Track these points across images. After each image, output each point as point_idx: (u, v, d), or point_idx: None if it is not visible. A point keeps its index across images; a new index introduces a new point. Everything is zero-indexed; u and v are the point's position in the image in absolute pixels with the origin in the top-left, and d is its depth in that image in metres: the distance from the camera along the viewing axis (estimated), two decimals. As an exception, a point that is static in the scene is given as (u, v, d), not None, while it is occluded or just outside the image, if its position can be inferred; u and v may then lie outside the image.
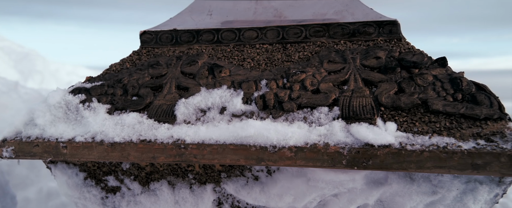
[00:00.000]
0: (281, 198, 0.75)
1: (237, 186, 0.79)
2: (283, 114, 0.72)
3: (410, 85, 0.70)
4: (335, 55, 0.80)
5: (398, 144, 0.62)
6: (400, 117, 0.68)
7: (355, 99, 0.71)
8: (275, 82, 0.77)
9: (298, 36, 0.87)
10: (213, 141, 0.70)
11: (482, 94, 0.66)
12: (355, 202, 0.72)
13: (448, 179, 0.66)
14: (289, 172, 0.74)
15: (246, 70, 0.83)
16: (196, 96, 0.79)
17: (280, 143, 0.66)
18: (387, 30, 0.82)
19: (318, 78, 0.76)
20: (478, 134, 0.62)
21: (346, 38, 0.85)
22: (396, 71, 0.74)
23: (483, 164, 0.58)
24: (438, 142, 0.61)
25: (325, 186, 0.72)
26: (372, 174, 0.71)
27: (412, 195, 0.68)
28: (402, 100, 0.68)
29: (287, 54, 0.85)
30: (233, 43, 0.91)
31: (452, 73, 0.71)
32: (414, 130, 0.65)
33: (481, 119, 0.64)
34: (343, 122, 0.68)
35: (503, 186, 0.66)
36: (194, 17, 1.01)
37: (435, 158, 0.60)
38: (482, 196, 0.65)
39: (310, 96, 0.73)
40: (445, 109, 0.66)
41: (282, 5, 0.96)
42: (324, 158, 0.65)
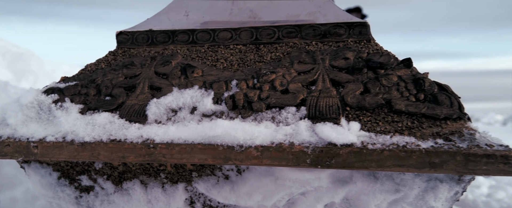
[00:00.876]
0: (250, 197, 0.76)
1: (208, 185, 0.80)
2: (252, 114, 0.73)
3: (376, 85, 0.72)
4: (305, 55, 0.81)
5: (360, 143, 0.63)
6: (365, 117, 0.69)
7: (322, 99, 0.72)
8: (245, 82, 0.78)
9: (271, 37, 0.89)
10: (181, 140, 0.70)
11: (443, 94, 0.68)
12: (321, 200, 0.73)
13: (410, 178, 0.68)
14: (258, 171, 0.75)
15: (219, 71, 0.84)
16: (168, 96, 0.80)
17: (247, 142, 0.67)
18: (357, 32, 0.84)
19: (287, 79, 0.77)
20: (438, 133, 0.64)
21: (317, 39, 0.86)
22: (363, 71, 0.75)
23: (440, 162, 0.60)
24: (398, 141, 0.63)
25: (292, 184, 0.73)
26: (338, 173, 0.72)
27: (376, 193, 0.70)
28: (366, 100, 0.70)
29: (259, 55, 0.86)
30: (208, 44, 0.92)
31: (416, 74, 0.72)
32: (377, 130, 0.66)
33: (441, 118, 0.65)
34: (309, 121, 0.69)
35: (462, 184, 0.67)
36: (171, 18, 1.01)
37: (395, 157, 0.61)
38: (443, 194, 0.67)
39: (279, 96, 0.74)
40: (407, 109, 0.67)
41: (258, 6, 0.97)
42: (289, 157, 0.66)
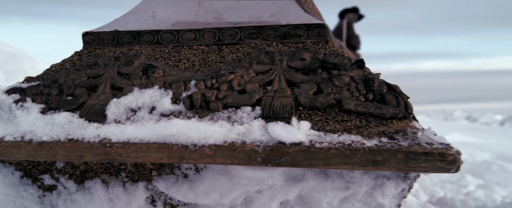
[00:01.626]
0: (208, 195, 0.77)
1: (167, 184, 0.81)
2: (209, 114, 0.75)
3: (328, 86, 0.74)
4: (264, 56, 0.83)
5: (308, 142, 0.65)
6: (316, 116, 0.71)
7: (277, 99, 0.74)
8: (204, 82, 0.79)
9: (233, 38, 0.90)
10: (138, 140, 0.72)
11: (391, 94, 0.70)
12: (276, 198, 0.75)
13: (358, 175, 0.70)
14: (215, 169, 0.77)
15: (180, 71, 0.85)
16: (128, 96, 0.81)
17: (200, 141, 0.69)
18: (315, 33, 0.86)
19: (245, 79, 0.79)
20: (383, 132, 0.66)
21: (278, 40, 0.88)
22: (317, 72, 0.77)
23: (382, 160, 0.62)
24: (345, 140, 0.65)
25: (247, 183, 0.74)
26: (291, 171, 0.74)
27: (327, 191, 0.71)
28: (318, 100, 0.72)
29: (221, 56, 0.88)
30: (172, 44, 0.94)
31: (368, 75, 0.74)
32: (327, 129, 0.68)
33: (387, 118, 0.67)
34: (262, 121, 0.70)
35: (408, 181, 0.69)
36: (138, 18, 1.02)
37: (341, 155, 0.63)
38: (390, 191, 0.69)
39: (236, 96, 0.76)
40: (356, 108, 0.69)
41: (223, 8, 0.99)
42: (241, 156, 0.67)
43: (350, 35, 6.22)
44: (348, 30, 6.24)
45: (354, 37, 6.28)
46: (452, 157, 0.59)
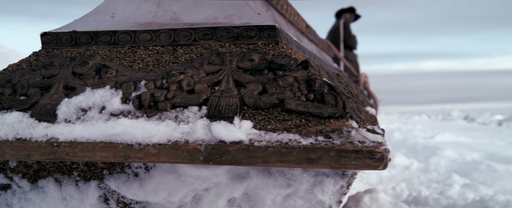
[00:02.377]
0: (157, 193, 0.79)
1: (118, 183, 0.82)
2: (157, 113, 0.76)
3: (273, 86, 0.76)
4: (215, 57, 0.85)
5: (248, 141, 0.67)
6: (259, 115, 0.73)
7: (224, 99, 0.76)
8: (153, 82, 0.81)
9: (188, 39, 0.92)
10: (84, 139, 0.73)
11: (330, 94, 0.72)
12: (222, 196, 0.77)
13: (298, 173, 0.72)
14: (163, 168, 0.78)
15: (133, 71, 0.87)
16: (80, 96, 0.82)
17: (145, 140, 0.70)
18: (266, 34, 0.88)
19: (195, 79, 0.81)
20: (321, 131, 0.68)
21: (231, 41, 0.90)
22: (263, 72, 0.79)
23: (316, 158, 0.64)
24: (283, 139, 0.67)
25: (194, 181, 0.76)
26: (236, 169, 0.76)
27: (270, 188, 0.74)
28: (262, 100, 0.74)
29: (175, 56, 0.89)
30: (129, 45, 0.95)
31: (311, 75, 0.77)
32: (268, 128, 0.70)
33: (325, 117, 0.70)
34: (207, 120, 0.72)
35: (346, 178, 0.72)
36: (97, 19, 1.03)
37: (278, 153, 0.66)
38: (329, 188, 0.71)
39: (184, 96, 0.78)
40: (297, 108, 0.72)
41: (181, 9, 1.00)
42: (184, 155, 0.69)
43: (347, 35, 6.24)
44: (345, 30, 6.26)
45: (351, 37, 6.31)
46: (379, 154, 0.62)
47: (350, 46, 6.32)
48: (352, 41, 6.29)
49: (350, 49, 6.42)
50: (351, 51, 6.51)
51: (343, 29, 6.19)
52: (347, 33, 6.23)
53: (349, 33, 6.26)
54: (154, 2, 1.04)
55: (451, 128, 7.03)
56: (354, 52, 6.59)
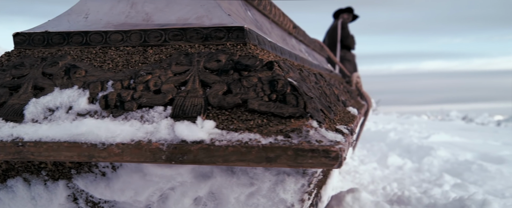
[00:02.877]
0: (123, 192, 0.80)
1: (86, 182, 0.83)
2: (123, 113, 0.77)
3: (237, 86, 0.77)
4: (184, 57, 0.86)
5: (209, 140, 0.68)
6: (223, 115, 0.74)
7: (189, 99, 0.77)
8: (120, 83, 0.82)
9: (158, 39, 0.93)
10: (49, 139, 0.73)
11: (292, 94, 0.74)
12: (187, 194, 0.78)
13: (261, 172, 0.73)
14: (129, 167, 0.79)
15: (102, 72, 0.87)
16: (47, 96, 0.82)
17: (108, 140, 0.71)
18: (235, 35, 0.89)
19: (162, 79, 0.82)
20: (281, 130, 0.69)
21: (200, 42, 0.91)
22: (229, 73, 0.80)
23: (275, 157, 0.65)
24: (243, 138, 0.68)
25: (159, 180, 0.77)
26: (200, 169, 0.77)
27: (234, 187, 0.75)
28: (226, 100, 0.75)
29: (145, 57, 0.90)
30: (100, 46, 0.95)
31: (276, 76, 0.78)
32: (230, 127, 0.71)
33: (286, 117, 0.71)
34: (171, 120, 0.73)
35: (306, 177, 0.73)
36: (71, 20, 1.04)
37: (237, 153, 0.67)
38: (290, 187, 0.73)
39: (151, 96, 0.79)
40: (259, 108, 0.73)
41: (154, 10, 1.01)
42: (147, 154, 0.70)
43: (345, 35, 6.22)
44: (343, 30, 6.23)
45: (349, 37, 6.28)
46: (334, 153, 0.63)
47: (348, 46, 6.31)
48: (350, 41, 6.28)
49: (348, 49, 6.41)
50: (349, 51, 6.49)
51: (341, 29, 6.18)
52: (345, 33, 6.21)
53: (347, 33, 6.25)
54: (128, 3, 1.05)
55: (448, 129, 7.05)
56: (352, 52, 6.58)
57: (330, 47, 6.32)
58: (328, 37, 6.41)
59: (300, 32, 2.61)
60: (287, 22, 2.30)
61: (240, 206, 0.77)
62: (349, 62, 6.38)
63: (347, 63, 6.36)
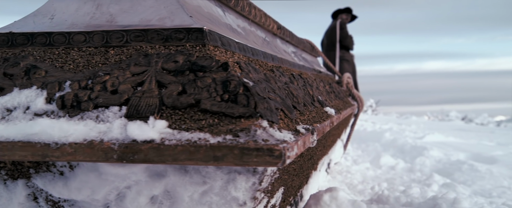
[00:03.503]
0: (80, 191, 0.81)
1: (45, 181, 0.84)
2: (79, 113, 0.78)
3: (192, 86, 0.78)
4: (143, 58, 0.87)
5: (159, 140, 0.70)
6: (176, 115, 0.75)
7: (144, 99, 0.78)
8: (78, 83, 0.83)
9: (120, 40, 0.94)
10: (4, 138, 0.74)
11: (243, 95, 0.75)
12: (142, 193, 0.79)
13: (212, 171, 0.75)
14: (85, 167, 0.80)
15: (62, 72, 0.88)
16: (6, 96, 0.83)
17: (61, 140, 0.72)
18: (194, 37, 0.90)
19: (120, 80, 0.83)
20: (231, 130, 0.71)
21: (161, 43, 0.92)
22: (185, 74, 0.81)
23: (222, 156, 0.67)
24: (193, 138, 0.69)
25: (114, 179, 0.78)
26: (154, 168, 0.78)
27: (187, 186, 0.76)
28: (180, 100, 0.76)
29: (106, 58, 0.91)
30: (63, 46, 0.96)
31: (230, 76, 0.79)
32: (182, 127, 0.73)
33: (236, 116, 0.73)
34: (125, 120, 0.74)
35: (257, 175, 0.75)
36: (36, 21, 1.04)
37: (186, 152, 0.68)
38: (241, 185, 0.74)
39: (107, 96, 0.80)
40: (211, 108, 0.74)
41: (118, 11, 1.02)
42: (99, 153, 0.71)
43: (344, 36, 6.21)
44: (342, 30, 6.22)
45: (348, 37, 6.27)
46: (278, 152, 0.65)
47: (346, 46, 6.30)
48: (348, 42, 6.26)
49: (346, 50, 6.39)
50: (348, 51, 6.47)
51: (339, 30, 6.16)
52: (343, 33, 6.19)
53: (345, 34, 6.23)
54: (94, 4, 1.06)
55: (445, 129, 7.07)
56: (351, 53, 6.56)
57: (329, 47, 6.32)
58: (326, 38, 6.40)
59: (286, 32, 2.62)
60: (271, 23, 2.31)
61: (194, 204, 0.78)
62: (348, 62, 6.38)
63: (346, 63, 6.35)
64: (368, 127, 6.54)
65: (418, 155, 3.87)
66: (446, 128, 7.45)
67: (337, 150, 3.26)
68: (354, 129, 3.63)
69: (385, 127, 6.52)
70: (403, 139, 4.87)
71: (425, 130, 6.48)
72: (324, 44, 6.49)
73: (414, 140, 4.84)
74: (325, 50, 6.41)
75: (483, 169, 3.03)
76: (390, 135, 5.36)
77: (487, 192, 2.53)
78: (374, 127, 6.49)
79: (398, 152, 4.37)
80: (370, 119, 9.24)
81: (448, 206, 1.59)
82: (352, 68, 6.46)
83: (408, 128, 6.73)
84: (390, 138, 5.09)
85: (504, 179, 2.83)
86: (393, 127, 6.72)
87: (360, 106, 3.40)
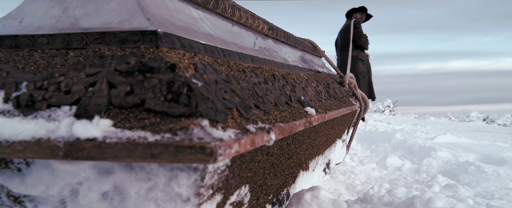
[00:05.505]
0: (35, 187, 0.85)
1: (4, 177, 0.88)
2: (33, 112, 0.82)
3: (139, 87, 0.82)
4: (98, 60, 0.91)
5: (102, 138, 0.73)
6: (122, 114, 0.79)
7: (94, 99, 0.81)
8: (33, 84, 0.87)
9: (80, 42, 0.97)
10: (-41, 136, 0.78)
11: (185, 95, 0.78)
12: (93, 189, 0.82)
13: (155, 168, 0.78)
14: (40, 163, 0.84)
15: (23, 73, 0.92)
16: (-33, 96, 0.87)
17: (12, 138, 0.76)
18: (148, 39, 0.94)
19: (74, 81, 0.86)
20: (171, 128, 0.74)
21: (118, 45, 0.95)
22: (134, 74, 0.85)
23: (158, 153, 0.70)
24: (133, 136, 0.73)
25: (65, 175, 0.82)
26: (102, 165, 0.81)
27: (133, 182, 0.79)
28: (126, 100, 0.80)
29: (65, 59, 0.95)
30: (28, 48, 1.00)
31: (175, 77, 0.82)
32: (126, 126, 0.76)
33: (177, 115, 0.76)
34: (73, 119, 0.78)
35: (198, 172, 0.78)
36: (6, 24, 1.09)
37: (126, 149, 0.71)
38: (183, 181, 0.77)
39: (61, 96, 0.83)
40: (155, 107, 0.77)
41: (82, 15, 1.06)
42: (46, 151, 0.75)
43: (358, 35, 6.08)
44: (356, 29, 6.10)
45: (362, 36, 6.15)
46: (209, 150, 0.68)
47: (361, 46, 6.18)
48: (363, 41, 6.15)
49: (361, 49, 6.28)
50: (363, 51, 6.36)
51: (353, 29, 6.06)
52: (358, 32, 6.06)
53: (360, 33, 6.10)
54: (61, 8, 1.10)
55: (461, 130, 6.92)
56: (366, 52, 6.45)
57: (343, 47, 6.23)
58: (340, 37, 6.31)
59: (279, 33, 2.62)
60: (260, 24, 2.33)
61: (141, 200, 0.81)
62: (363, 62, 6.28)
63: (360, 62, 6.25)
64: (381, 127, 6.48)
65: (426, 156, 3.86)
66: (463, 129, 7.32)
67: (337, 150, 3.25)
68: (356, 129, 3.62)
69: (397, 128, 6.48)
70: (413, 140, 4.84)
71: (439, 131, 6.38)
72: (338, 43, 6.39)
73: (424, 141, 4.80)
74: (339, 49, 6.32)
75: (490, 170, 3.00)
76: (401, 136, 5.32)
77: (489, 193, 2.52)
78: (386, 128, 6.44)
79: (406, 153, 4.36)
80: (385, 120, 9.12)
81: (422, 205, 1.60)
82: (367, 67, 6.35)
83: (421, 129, 6.65)
84: (400, 139, 5.06)
85: (510, 180, 2.79)
86: (406, 127, 6.67)
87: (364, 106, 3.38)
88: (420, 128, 6.81)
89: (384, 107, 16.82)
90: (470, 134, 6.30)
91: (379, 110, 16.49)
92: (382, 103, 17.34)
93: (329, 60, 3.93)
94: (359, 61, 6.23)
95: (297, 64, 2.57)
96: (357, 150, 4.66)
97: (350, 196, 2.53)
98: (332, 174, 3.23)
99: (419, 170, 3.37)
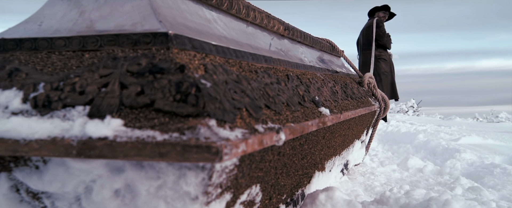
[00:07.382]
0: (51, 184, 0.88)
1: (23, 174, 0.92)
2: (49, 112, 0.85)
3: (149, 87, 0.84)
4: (111, 61, 0.93)
5: (113, 137, 0.75)
6: (133, 114, 0.81)
7: (106, 99, 0.84)
8: (50, 85, 0.90)
9: (95, 45, 1.01)
10: (-19, 135, 0.82)
11: (193, 95, 0.80)
12: (105, 187, 0.85)
13: (164, 166, 0.80)
14: (55, 161, 0.87)
15: (41, 74, 0.96)
16: (-11, 97, 0.92)
17: (29, 137, 0.79)
18: (159, 41, 0.96)
19: (89, 81, 0.89)
20: (179, 128, 0.76)
21: (130, 46, 0.98)
22: (145, 75, 0.87)
23: (166, 152, 0.72)
24: (143, 135, 0.75)
25: (79, 173, 0.85)
26: (114, 163, 0.84)
27: (143, 180, 0.82)
28: (137, 100, 0.82)
29: (81, 61, 0.98)
30: (46, 51, 1.04)
31: (185, 78, 0.84)
32: (136, 125, 0.78)
33: (185, 115, 0.77)
34: (87, 118, 0.81)
35: (205, 171, 0.79)
36: (26, 27, 1.13)
37: (135, 148, 0.74)
38: (191, 180, 0.79)
39: (75, 97, 0.87)
40: (164, 107, 0.79)
41: (98, 18, 1.09)
42: (61, 149, 0.78)
43: (380, 34, 5.91)
44: (378, 28, 5.94)
45: (385, 36, 6.02)
46: (215, 149, 0.69)
47: (384, 45, 6.06)
48: (386, 40, 5.98)
49: (384, 49, 6.15)
50: (385, 50, 6.22)
51: (376, 28, 5.93)
52: (380, 31, 5.91)
53: (383, 32, 5.94)
54: (78, 11, 1.14)
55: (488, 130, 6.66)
56: (388, 52, 6.31)
57: (365, 46, 6.11)
58: (363, 36, 6.19)
59: (295, 33, 2.61)
60: (276, 24, 2.33)
61: (151, 197, 0.83)
62: (385, 61, 6.14)
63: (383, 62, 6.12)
64: (403, 128, 6.33)
65: (449, 157, 3.74)
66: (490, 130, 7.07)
67: (356, 151, 3.21)
68: (376, 130, 3.56)
69: (420, 129, 6.29)
70: (437, 141, 4.70)
71: (464, 132, 6.17)
72: (360, 42, 6.27)
73: (448, 142, 4.65)
74: (361, 49, 6.21)
75: (517, 173, 2.88)
76: (424, 137, 5.17)
77: (513, 196, 2.42)
78: (409, 129, 6.28)
79: (429, 154, 4.24)
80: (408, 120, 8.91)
81: (439, 207, 1.56)
82: (389, 67, 6.22)
83: (445, 130, 6.45)
84: (423, 140, 4.92)
85: (538, 183, 2.69)
86: (429, 128, 6.47)
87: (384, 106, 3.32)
88: (444, 129, 6.61)
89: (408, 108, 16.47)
90: (497, 135, 6.06)
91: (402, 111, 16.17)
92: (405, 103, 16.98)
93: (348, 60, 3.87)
94: (382, 61, 6.10)
95: (314, 64, 2.55)
96: (378, 151, 4.58)
97: (368, 198, 2.49)
98: (351, 175, 3.19)
99: (442, 172, 3.27)
